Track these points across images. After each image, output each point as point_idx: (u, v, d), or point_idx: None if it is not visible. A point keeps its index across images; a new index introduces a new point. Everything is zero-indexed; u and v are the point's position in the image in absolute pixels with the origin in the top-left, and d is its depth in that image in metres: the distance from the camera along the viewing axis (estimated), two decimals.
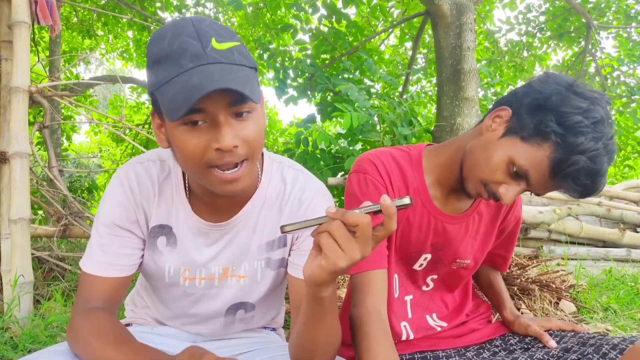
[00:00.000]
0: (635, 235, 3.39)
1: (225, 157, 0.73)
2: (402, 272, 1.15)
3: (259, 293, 0.99)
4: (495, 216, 1.17)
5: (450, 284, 1.21)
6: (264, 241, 0.94)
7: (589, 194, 0.90)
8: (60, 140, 5.55)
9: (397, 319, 1.14)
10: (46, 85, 2.08)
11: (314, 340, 0.79)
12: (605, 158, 0.86)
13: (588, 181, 0.87)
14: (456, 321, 1.22)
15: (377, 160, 1.07)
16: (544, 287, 2.21)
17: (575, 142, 0.84)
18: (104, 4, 6.09)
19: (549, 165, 0.88)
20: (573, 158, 0.85)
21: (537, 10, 7.20)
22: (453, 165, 1.04)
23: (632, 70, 6.92)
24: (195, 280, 0.94)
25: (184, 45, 0.69)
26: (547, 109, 0.87)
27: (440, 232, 1.10)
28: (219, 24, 0.74)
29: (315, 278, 0.67)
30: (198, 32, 0.70)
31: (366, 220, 0.63)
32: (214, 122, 0.71)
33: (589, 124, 0.85)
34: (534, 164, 0.89)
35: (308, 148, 3.60)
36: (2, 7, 2.08)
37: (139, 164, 0.90)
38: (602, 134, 0.85)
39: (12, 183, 1.79)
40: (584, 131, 0.84)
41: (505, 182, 0.93)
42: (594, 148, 0.84)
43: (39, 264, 2.27)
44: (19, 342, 1.51)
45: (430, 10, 3.93)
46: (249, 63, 0.74)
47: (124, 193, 0.88)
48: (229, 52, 0.71)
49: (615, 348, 0.97)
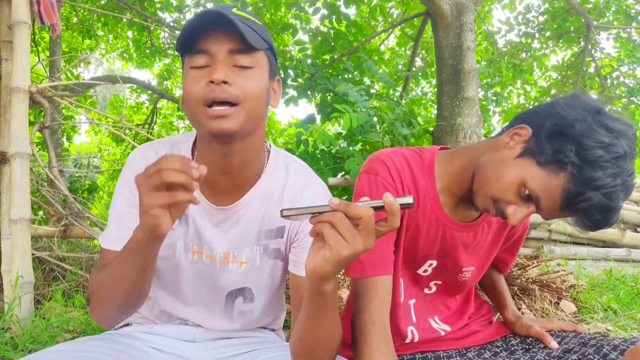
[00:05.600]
0: (635, 235, 3.39)
1: (215, 90, 0.79)
2: (406, 276, 1.14)
3: (257, 280, 1.00)
4: (505, 225, 1.15)
5: (452, 290, 1.20)
6: (263, 229, 0.97)
7: (599, 228, 0.87)
8: (61, 140, 5.54)
9: (404, 324, 1.13)
10: (46, 86, 2.08)
11: (316, 338, 0.79)
12: (621, 195, 0.82)
13: (600, 217, 0.83)
14: (459, 324, 1.22)
15: (389, 161, 1.04)
16: (544, 287, 2.21)
17: (593, 177, 0.80)
18: (104, 4, 6.08)
19: (562, 196, 0.84)
20: (588, 194, 0.81)
21: (537, 11, 7.21)
22: (465, 175, 1.00)
23: (631, 71, 6.92)
24: (202, 255, 0.97)
25: (208, 10, 0.79)
26: (569, 137, 0.83)
27: (448, 240, 1.07)
28: (243, 9, 0.86)
29: (319, 271, 0.67)
30: (221, 3, 0.79)
31: (369, 213, 0.64)
32: (215, 64, 0.80)
33: (609, 159, 0.81)
34: (547, 191, 0.86)
35: (308, 148, 3.60)
36: (2, 7, 2.07)
37: (149, 146, 0.97)
38: (622, 169, 0.81)
39: (12, 183, 1.79)
40: (603, 166, 0.80)
41: (515, 203, 0.90)
42: (611, 185, 0.80)
43: (39, 264, 2.27)
44: (19, 342, 1.51)
45: (430, 10, 3.92)
46: (267, 44, 0.85)
47: (133, 173, 0.90)
48: (246, 19, 0.82)
49: (616, 349, 0.97)
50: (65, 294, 2.04)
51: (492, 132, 5.42)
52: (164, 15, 6.46)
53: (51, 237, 2.19)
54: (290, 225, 0.96)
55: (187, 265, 0.97)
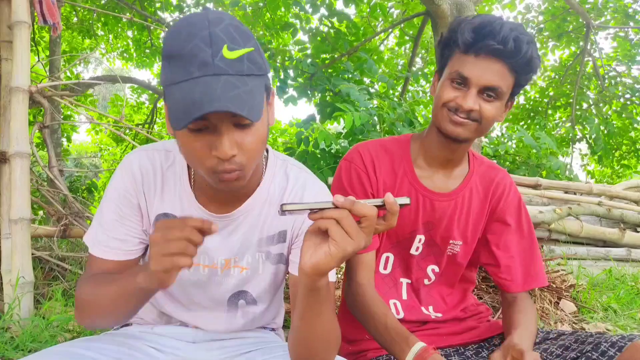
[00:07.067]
0: (635, 235, 3.39)
1: (224, 164, 0.76)
2: (400, 256, 1.21)
3: (259, 285, 1.00)
4: (486, 194, 1.20)
5: (449, 276, 1.23)
6: (264, 235, 0.96)
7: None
8: (61, 140, 5.54)
9: (385, 295, 1.19)
10: (46, 85, 2.08)
11: (313, 336, 0.80)
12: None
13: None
14: (452, 313, 1.23)
15: (365, 150, 1.18)
16: (544, 286, 2.21)
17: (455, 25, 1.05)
18: (104, 4, 6.08)
19: (460, 51, 1.04)
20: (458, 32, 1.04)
21: (537, 11, 7.20)
22: (431, 133, 1.14)
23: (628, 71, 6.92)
24: (199, 267, 0.96)
25: (194, 50, 0.71)
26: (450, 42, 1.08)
27: (429, 210, 1.16)
28: (236, 25, 0.74)
29: (321, 266, 0.67)
30: (211, 37, 0.71)
31: (374, 212, 0.67)
32: (215, 130, 0.74)
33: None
34: (459, 64, 1.04)
35: (309, 148, 3.61)
36: (2, 7, 2.07)
37: (144, 151, 0.94)
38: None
39: (12, 183, 1.79)
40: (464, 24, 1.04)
41: (455, 96, 1.04)
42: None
43: (39, 263, 2.27)
44: (19, 342, 1.52)
45: (430, 10, 3.93)
46: (260, 70, 0.76)
47: (125, 181, 0.91)
48: (238, 61, 0.72)
49: (614, 346, 0.98)
50: (65, 294, 2.04)
51: (492, 132, 5.43)
52: (164, 15, 6.47)
53: (51, 236, 2.19)
54: (293, 228, 0.96)
55: (186, 274, 0.97)
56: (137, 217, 0.93)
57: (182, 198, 0.93)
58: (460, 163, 1.19)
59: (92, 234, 0.93)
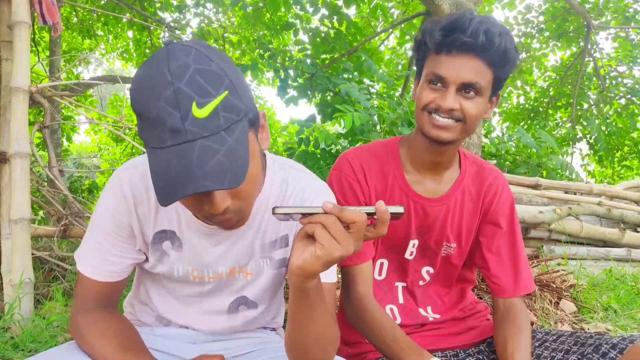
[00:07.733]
0: (635, 235, 3.39)
1: (218, 217, 0.76)
2: (395, 261, 1.20)
3: (258, 289, 1.00)
4: (479, 195, 1.18)
5: (445, 277, 1.22)
6: (267, 241, 0.96)
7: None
8: (61, 140, 5.54)
9: (382, 301, 1.18)
10: (46, 85, 2.08)
11: (306, 338, 0.79)
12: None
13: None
14: (450, 314, 1.23)
15: (353, 157, 1.16)
16: (544, 286, 2.22)
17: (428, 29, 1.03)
18: (104, 4, 6.08)
19: (431, 52, 1.02)
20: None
21: (537, 11, 7.20)
22: (417, 138, 1.12)
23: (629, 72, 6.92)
24: (204, 279, 0.96)
25: (162, 114, 0.65)
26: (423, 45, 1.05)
27: (422, 216, 1.15)
28: (202, 69, 0.66)
29: (307, 267, 0.67)
30: (177, 97, 0.64)
31: (363, 218, 0.66)
32: (208, 201, 0.73)
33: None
34: (428, 71, 1.03)
35: (309, 147, 3.61)
36: (2, 7, 2.07)
37: (134, 168, 0.89)
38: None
39: (12, 183, 1.79)
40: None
41: (434, 97, 1.02)
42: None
43: (39, 264, 2.27)
44: (19, 342, 1.52)
45: (431, 10, 3.92)
46: (238, 113, 0.69)
47: (116, 202, 0.88)
48: (212, 117, 0.66)
49: (615, 347, 0.97)
50: (65, 294, 2.04)
51: (492, 132, 5.43)
52: (164, 15, 6.46)
53: (51, 237, 2.19)
54: (295, 232, 0.96)
55: (190, 284, 0.97)
56: (130, 238, 0.91)
57: (179, 212, 0.91)
58: (450, 165, 1.16)
59: (83, 252, 0.91)
